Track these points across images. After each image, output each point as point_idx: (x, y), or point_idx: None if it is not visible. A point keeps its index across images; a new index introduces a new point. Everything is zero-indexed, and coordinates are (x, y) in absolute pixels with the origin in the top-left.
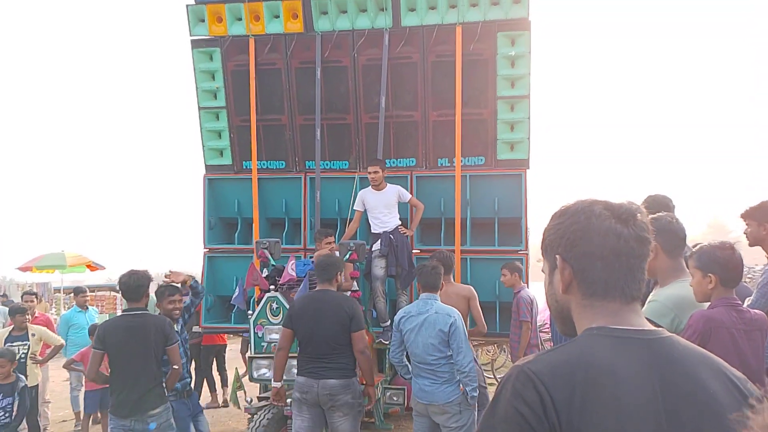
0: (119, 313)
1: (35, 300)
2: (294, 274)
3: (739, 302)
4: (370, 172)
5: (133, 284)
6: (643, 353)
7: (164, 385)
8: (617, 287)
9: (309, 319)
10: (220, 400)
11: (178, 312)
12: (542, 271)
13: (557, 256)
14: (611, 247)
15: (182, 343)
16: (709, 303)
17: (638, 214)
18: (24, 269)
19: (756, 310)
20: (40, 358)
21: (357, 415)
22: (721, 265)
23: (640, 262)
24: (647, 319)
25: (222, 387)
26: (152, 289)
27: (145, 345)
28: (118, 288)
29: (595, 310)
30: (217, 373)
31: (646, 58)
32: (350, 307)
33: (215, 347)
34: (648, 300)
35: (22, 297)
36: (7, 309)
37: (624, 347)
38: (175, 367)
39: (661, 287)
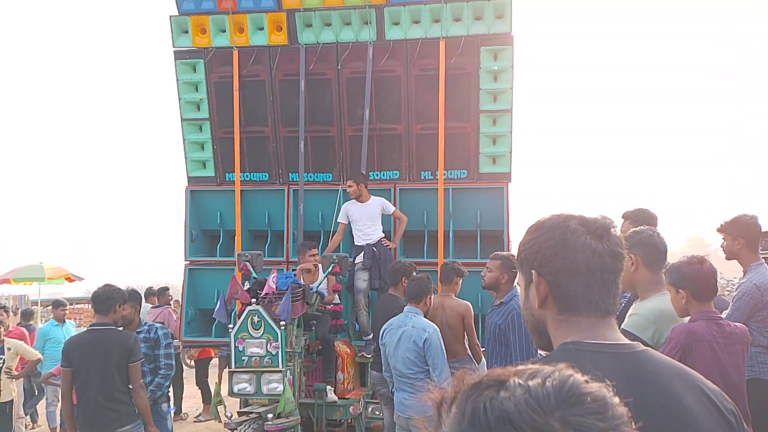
0: None
1: (5, 314)
2: (274, 287)
3: (720, 315)
4: (347, 186)
5: (102, 295)
6: (616, 367)
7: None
8: (592, 302)
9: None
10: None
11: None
12: (517, 284)
13: (533, 271)
14: (586, 262)
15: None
16: (689, 317)
17: (612, 229)
18: (1, 281)
19: (737, 323)
20: (16, 372)
21: None
22: (690, 279)
23: (615, 277)
24: (628, 332)
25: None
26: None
27: (106, 361)
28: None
29: (570, 325)
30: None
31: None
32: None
33: (210, 359)
34: (629, 314)
35: None
36: None
37: (598, 361)
38: (131, 386)
39: (641, 300)
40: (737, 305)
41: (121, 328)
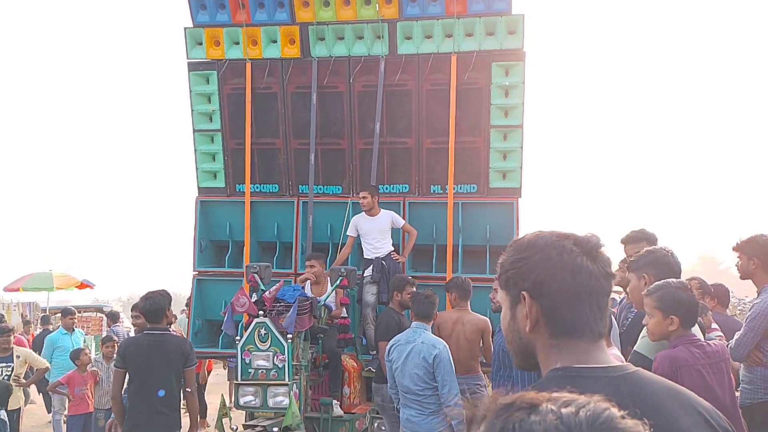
0: (104, 334)
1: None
2: (269, 296)
3: (697, 337)
4: (359, 197)
5: (152, 308)
6: (610, 391)
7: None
8: (586, 326)
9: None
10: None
11: None
12: (493, 299)
13: (524, 293)
14: (584, 285)
15: None
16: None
17: (602, 248)
18: (11, 290)
19: (715, 342)
20: (24, 381)
21: None
22: (685, 306)
23: (606, 298)
24: (640, 353)
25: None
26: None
27: (166, 364)
28: (103, 310)
29: (561, 350)
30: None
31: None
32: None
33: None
34: (641, 335)
35: None
36: None
37: (589, 387)
38: (188, 390)
39: None
40: (751, 325)
41: (175, 333)
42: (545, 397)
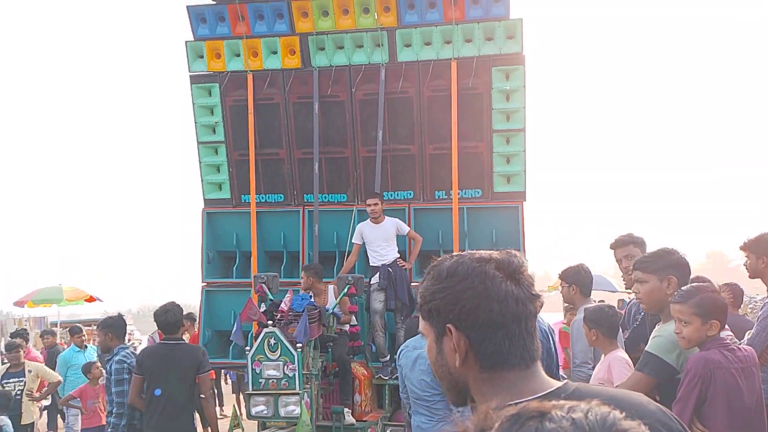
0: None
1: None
2: (285, 308)
3: (728, 341)
4: (369, 204)
5: (171, 321)
6: None
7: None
8: (517, 354)
9: None
10: None
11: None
12: (420, 330)
13: (449, 326)
14: (512, 313)
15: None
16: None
17: (524, 268)
18: (20, 303)
19: (745, 347)
20: (37, 395)
21: None
22: (723, 311)
23: (534, 320)
24: (653, 354)
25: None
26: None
27: (177, 373)
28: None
29: (494, 383)
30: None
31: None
32: None
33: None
34: (652, 335)
35: None
36: None
37: None
38: (202, 396)
39: (665, 323)
40: (763, 325)
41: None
42: (550, 406)
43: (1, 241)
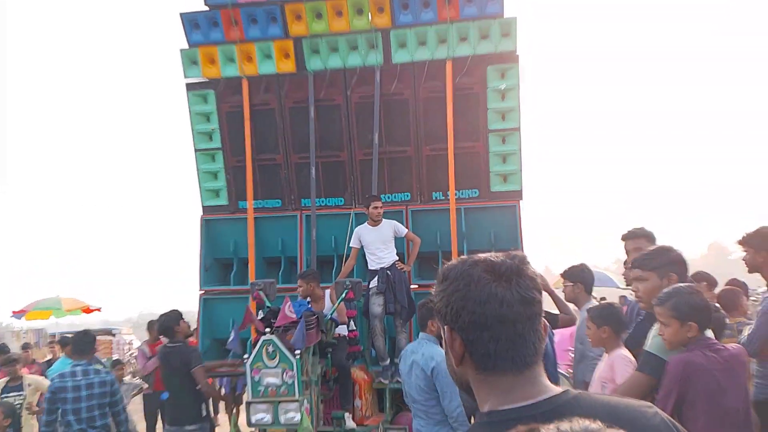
0: (114, 357)
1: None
2: (293, 315)
3: (714, 340)
4: (377, 207)
5: (161, 326)
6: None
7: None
8: (506, 358)
9: None
10: None
11: None
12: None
13: (446, 327)
14: (494, 314)
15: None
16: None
17: (523, 270)
18: (18, 313)
19: (731, 346)
20: (36, 408)
21: None
22: (700, 311)
23: (531, 324)
24: (652, 353)
25: None
26: None
27: (172, 370)
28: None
29: (489, 386)
30: None
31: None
32: None
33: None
34: (653, 335)
35: None
36: None
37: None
38: (198, 387)
39: None
40: (763, 320)
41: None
42: (538, 428)
43: (1, 250)
